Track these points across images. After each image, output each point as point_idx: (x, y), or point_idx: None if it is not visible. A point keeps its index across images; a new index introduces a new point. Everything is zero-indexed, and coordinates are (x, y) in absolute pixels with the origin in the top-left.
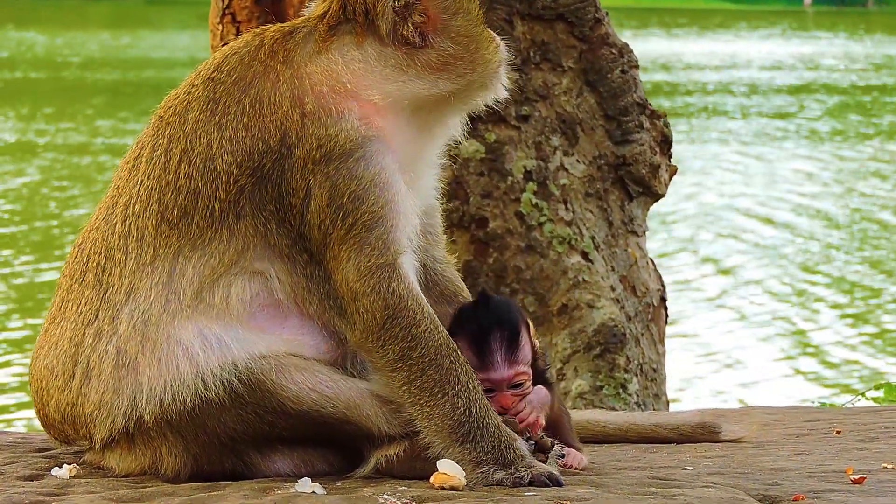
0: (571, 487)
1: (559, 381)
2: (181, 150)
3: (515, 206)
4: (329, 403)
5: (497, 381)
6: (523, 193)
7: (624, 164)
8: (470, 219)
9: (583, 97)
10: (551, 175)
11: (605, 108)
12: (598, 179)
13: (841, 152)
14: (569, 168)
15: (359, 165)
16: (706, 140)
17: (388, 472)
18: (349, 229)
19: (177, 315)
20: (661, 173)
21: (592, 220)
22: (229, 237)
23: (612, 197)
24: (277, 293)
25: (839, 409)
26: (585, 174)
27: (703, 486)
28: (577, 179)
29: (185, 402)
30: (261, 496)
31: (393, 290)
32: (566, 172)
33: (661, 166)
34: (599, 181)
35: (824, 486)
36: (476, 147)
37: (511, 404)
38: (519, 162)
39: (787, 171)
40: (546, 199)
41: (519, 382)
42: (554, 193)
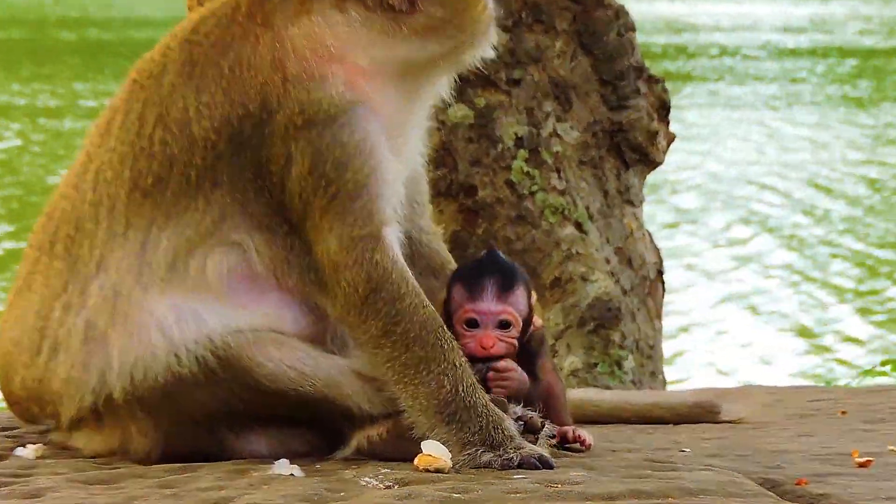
0: (563, 470)
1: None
2: (156, 115)
3: (506, 174)
4: (307, 381)
5: (483, 312)
6: (514, 161)
7: (620, 131)
8: (458, 187)
9: (577, 60)
10: (543, 142)
11: (600, 72)
12: (592, 147)
13: (857, 119)
14: (562, 135)
15: (343, 131)
16: (713, 105)
17: (370, 453)
18: (332, 198)
19: (150, 287)
20: (659, 140)
21: (587, 189)
22: (205, 206)
23: (608, 165)
24: (256, 266)
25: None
26: (579, 141)
27: (701, 468)
28: (571, 146)
29: (156, 378)
30: (236, 478)
31: (376, 262)
32: (559, 139)
33: (659, 133)
34: (594, 148)
35: (828, 470)
36: (465, 112)
37: (492, 345)
38: (509, 128)
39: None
40: (538, 167)
41: (507, 322)
42: (546, 161)
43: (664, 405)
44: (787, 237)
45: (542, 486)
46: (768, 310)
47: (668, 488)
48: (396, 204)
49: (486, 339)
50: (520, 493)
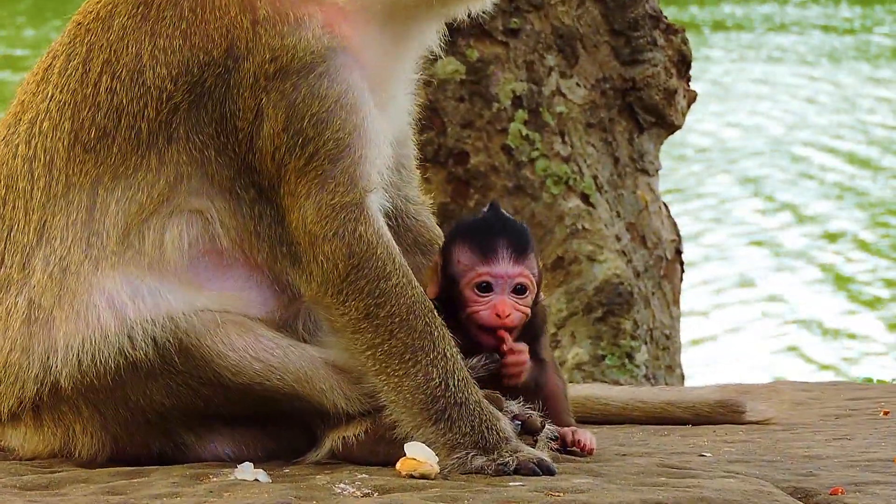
0: (565, 476)
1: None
2: (103, 61)
3: (502, 138)
4: (275, 375)
5: (499, 275)
6: (511, 123)
7: (633, 89)
8: (447, 153)
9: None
10: (545, 101)
11: (610, 20)
12: (601, 107)
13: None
14: (567, 93)
15: (321, 82)
16: (754, 59)
17: (345, 456)
18: (309, 159)
19: (101, 262)
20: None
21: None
22: (158, 165)
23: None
24: (220, 239)
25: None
26: (587, 100)
27: (724, 476)
28: (577, 107)
29: (107, 364)
30: (193, 484)
31: (360, 234)
32: (563, 98)
33: (678, 91)
34: (603, 109)
35: (868, 478)
36: (455, 66)
37: (508, 313)
38: (506, 85)
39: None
40: (539, 131)
41: (523, 287)
42: (548, 124)
43: (682, 404)
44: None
45: (542, 494)
46: (863, 295)
47: (685, 498)
48: (382, 168)
49: (503, 306)
50: (516, 502)
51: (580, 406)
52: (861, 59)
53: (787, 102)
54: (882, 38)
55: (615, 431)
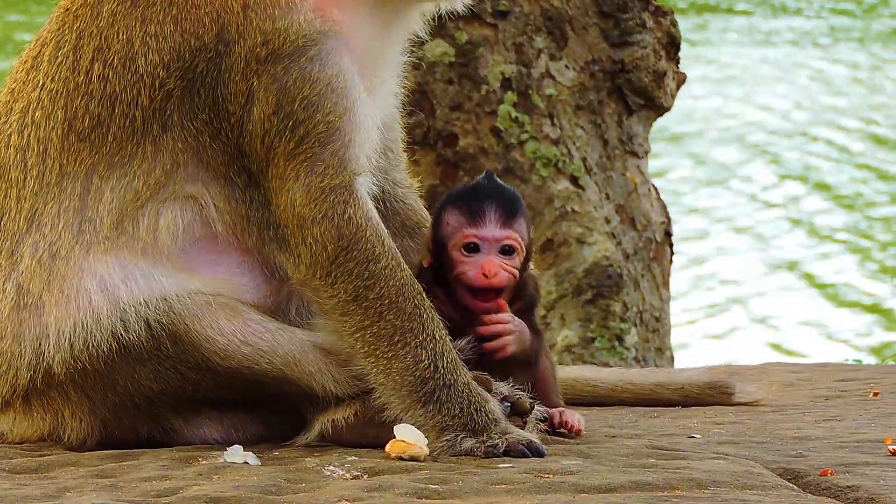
0: (555, 458)
1: None
2: (94, 48)
3: (491, 120)
4: (264, 359)
5: (486, 237)
6: (500, 105)
7: (622, 71)
8: (436, 135)
9: None
10: (534, 83)
11: (599, 2)
12: (590, 89)
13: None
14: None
15: (313, 65)
16: (768, 43)
17: (335, 439)
18: (299, 142)
19: (92, 247)
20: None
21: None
22: (154, 153)
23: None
24: (214, 224)
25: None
26: (576, 83)
27: (713, 457)
28: (566, 89)
29: (98, 348)
30: (182, 467)
31: (349, 216)
32: (552, 80)
33: (668, 73)
34: (592, 91)
35: (858, 459)
36: (444, 49)
37: (495, 272)
38: (495, 67)
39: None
40: (528, 113)
41: (511, 248)
42: (538, 106)
43: (671, 385)
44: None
45: (532, 476)
46: (827, 280)
47: (674, 479)
48: (370, 151)
49: (490, 265)
50: (506, 483)
51: (570, 388)
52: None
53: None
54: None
55: (605, 413)
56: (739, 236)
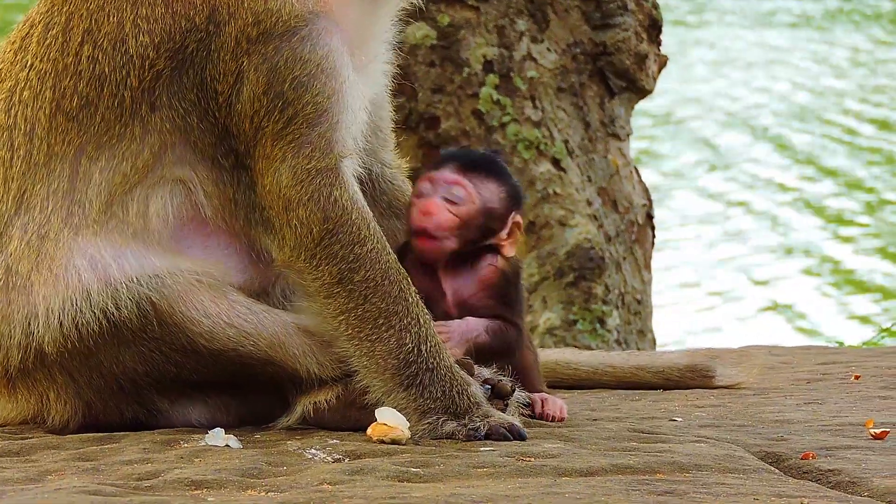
0: (536, 441)
1: None
2: (84, 30)
3: (473, 102)
4: (248, 340)
5: (436, 179)
6: (482, 88)
7: (604, 54)
8: (418, 118)
9: None
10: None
11: None
12: (572, 72)
13: None
14: (537, 58)
15: (304, 46)
16: (771, 24)
17: (317, 422)
18: (287, 123)
19: (81, 230)
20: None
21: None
22: (143, 134)
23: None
24: (203, 208)
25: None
26: (557, 65)
27: (694, 440)
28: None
29: (88, 326)
30: (163, 450)
31: (335, 199)
32: (534, 63)
33: (649, 56)
34: (574, 74)
35: (839, 442)
36: (425, 31)
37: (435, 212)
38: (477, 50)
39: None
40: (510, 95)
41: (457, 195)
42: (519, 88)
43: (652, 368)
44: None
45: (513, 459)
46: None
47: (656, 463)
48: (357, 133)
49: (430, 204)
50: (487, 467)
51: (550, 371)
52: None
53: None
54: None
55: (586, 396)
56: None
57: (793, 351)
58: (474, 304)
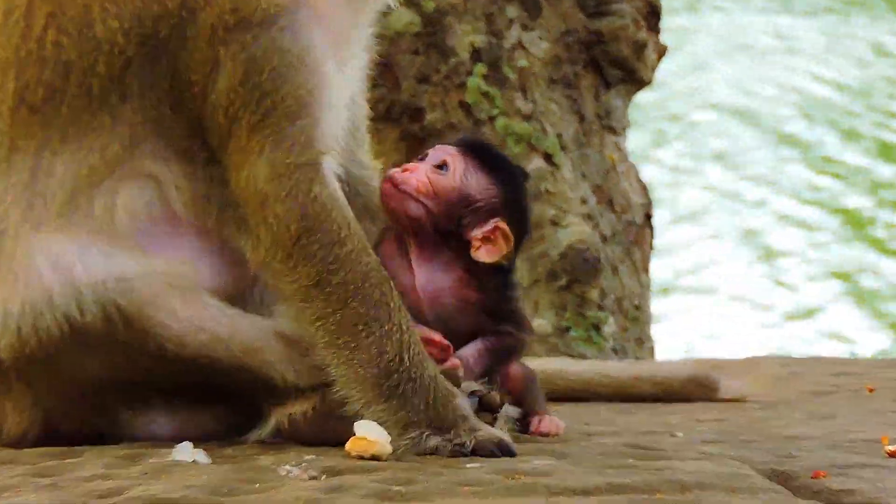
0: (526, 458)
1: None
2: (47, 14)
3: (459, 94)
4: (221, 346)
5: (437, 149)
6: (470, 78)
7: (599, 42)
8: (401, 110)
9: None
10: (506, 55)
11: None
12: (565, 61)
13: None
14: (528, 46)
15: (284, 36)
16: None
17: (292, 435)
18: (266, 115)
19: (43, 225)
20: (648, 54)
21: (558, 113)
22: (112, 125)
23: (584, 84)
24: (174, 204)
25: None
26: (550, 54)
27: (697, 457)
28: (539, 61)
29: (48, 331)
30: (127, 465)
31: (314, 196)
32: (525, 52)
33: (648, 45)
34: (568, 64)
35: (852, 460)
36: (409, 18)
37: (413, 170)
38: (465, 38)
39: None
40: (499, 86)
41: (444, 165)
42: (509, 79)
43: (651, 379)
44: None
45: (502, 477)
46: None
47: (655, 481)
48: (338, 130)
49: (413, 164)
50: (473, 485)
51: (543, 381)
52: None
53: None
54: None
55: (580, 409)
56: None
57: (802, 362)
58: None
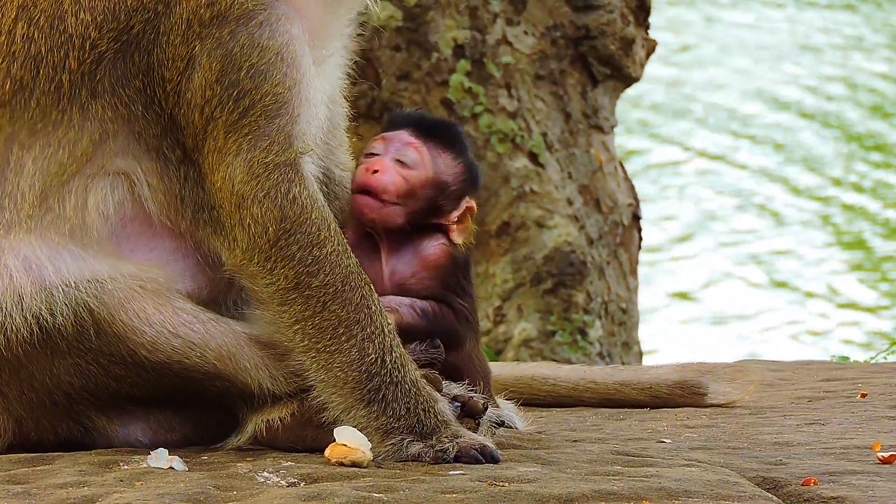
0: (511, 464)
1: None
2: (18, 6)
3: (442, 91)
4: (195, 352)
5: (389, 138)
6: (453, 75)
7: (587, 38)
8: (381, 106)
9: None
10: (490, 51)
11: None
12: (551, 57)
13: None
14: (513, 42)
15: (262, 31)
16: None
17: (269, 441)
18: (243, 113)
19: (14, 227)
20: (636, 50)
21: (544, 110)
22: (81, 121)
23: (571, 81)
24: (147, 203)
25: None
26: (535, 50)
27: (684, 464)
28: (525, 57)
29: (18, 333)
30: (102, 472)
31: (293, 196)
32: (510, 48)
33: (636, 41)
34: (554, 60)
35: (843, 467)
36: (391, 12)
37: (382, 171)
38: (447, 33)
39: None
40: (483, 83)
41: (409, 157)
42: (493, 75)
43: (637, 385)
44: None
45: (485, 484)
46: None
47: (642, 489)
48: (317, 129)
49: (378, 162)
50: (456, 492)
51: (526, 387)
52: None
53: None
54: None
55: (566, 415)
56: None
57: (793, 366)
58: (413, 286)
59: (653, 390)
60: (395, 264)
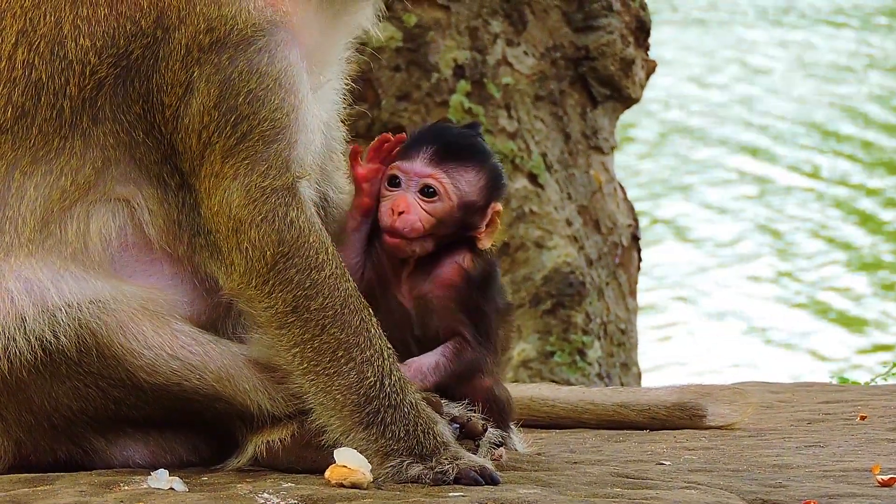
0: (510, 486)
1: None
2: (18, 31)
3: (442, 111)
4: (194, 374)
5: (406, 170)
6: (453, 95)
7: (586, 59)
8: (381, 127)
9: None
10: (490, 72)
11: None
12: (551, 78)
13: None
14: (513, 63)
15: (261, 58)
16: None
17: (269, 463)
18: (241, 138)
19: (14, 250)
20: (636, 71)
21: (544, 131)
22: (83, 148)
23: (571, 102)
24: (147, 228)
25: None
26: (535, 71)
27: (684, 486)
28: (525, 78)
29: (20, 357)
30: (102, 493)
31: (291, 220)
32: (510, 68)
33: (636, 61)
34: (554, 80)
35: (843, 490)
36: (391, 33)
37: (407, 210)
38: (447, 53)
39: None
40: (483, 104)
41: (431, 189)
42: (493, 96)
43: (636, 406)
44: None
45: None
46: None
47: None
48: (314, 154)
49: (400, 201)
50: None
51: (525, 408)
52: None
53: None
54: None
55: (565, 436)
56: None
57: (792, 388)
58: (431, 301)
59: (652, 412)
60: (415, 279)
